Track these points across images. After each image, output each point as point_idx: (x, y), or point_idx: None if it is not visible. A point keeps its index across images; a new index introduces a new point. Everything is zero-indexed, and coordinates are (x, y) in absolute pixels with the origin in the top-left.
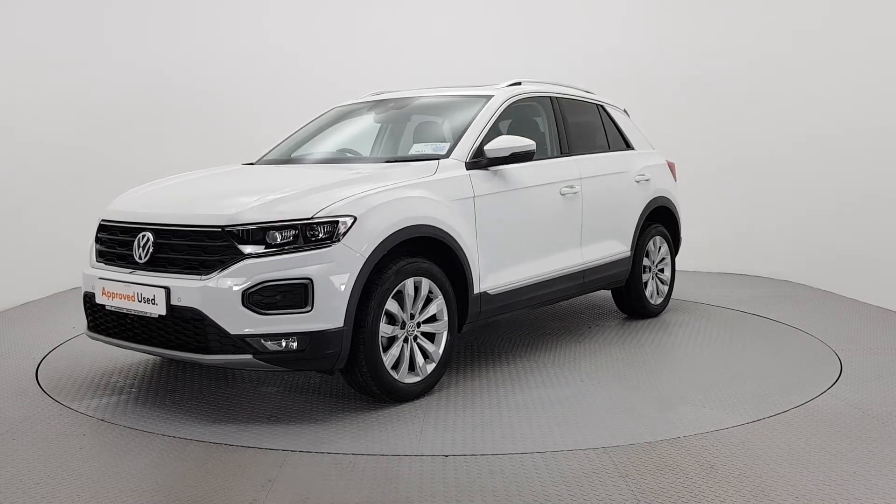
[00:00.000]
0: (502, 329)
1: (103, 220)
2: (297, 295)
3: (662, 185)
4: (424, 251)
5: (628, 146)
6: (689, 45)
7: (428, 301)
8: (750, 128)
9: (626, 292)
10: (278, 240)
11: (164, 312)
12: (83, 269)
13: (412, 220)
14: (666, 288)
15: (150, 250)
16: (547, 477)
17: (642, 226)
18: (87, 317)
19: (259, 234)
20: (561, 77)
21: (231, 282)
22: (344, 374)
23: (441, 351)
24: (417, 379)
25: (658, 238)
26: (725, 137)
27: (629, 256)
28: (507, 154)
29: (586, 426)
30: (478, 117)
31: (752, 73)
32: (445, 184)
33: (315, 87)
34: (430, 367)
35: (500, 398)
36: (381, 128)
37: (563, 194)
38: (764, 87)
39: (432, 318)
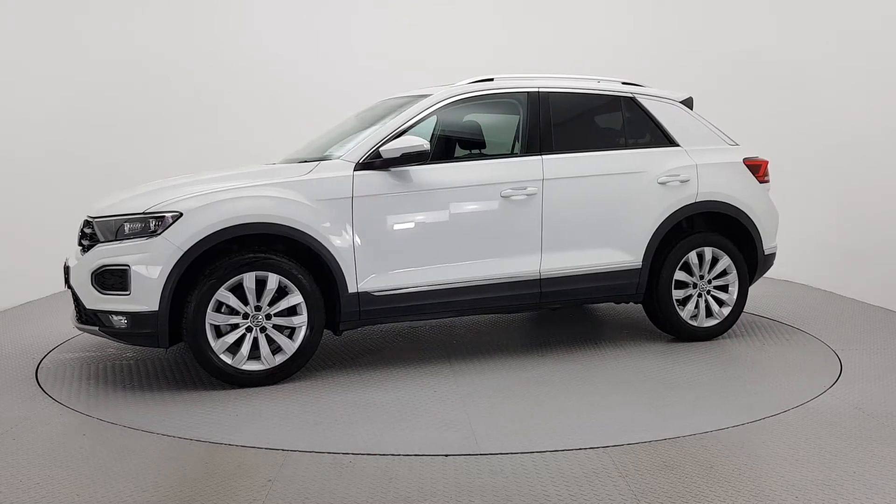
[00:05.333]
0: (513, 330)
1: None
2: (121, 279)
3: (717, 188)
4: (294, 249)
5: (671, 142)
6: (699, 42)
7: (285, 295)
8: (749, 128)
9: (649, 310)
10: (126, 230)
11: (65, 287)
12: None
13: (249, 218)
14: (727, 310)
15: (80, 236)
16: (547, 477)
17: (666, 234)
18: None
19: (111, 224)
20: (600, 68)
21: (85, 264)
22: None
23: (297, 345)
24: (261, 367)
25: (708, 249)
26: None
27: (638, 268)
28: (398, 155)
29: (586, 426)
30: (394, 119)
31: (752, 73)
32: (314, 184)
33: (316, 89)
34: (282, 359)
35: (499, 398)
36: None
37: (505, 196)
38: (764, 87)
39: (293, 312)
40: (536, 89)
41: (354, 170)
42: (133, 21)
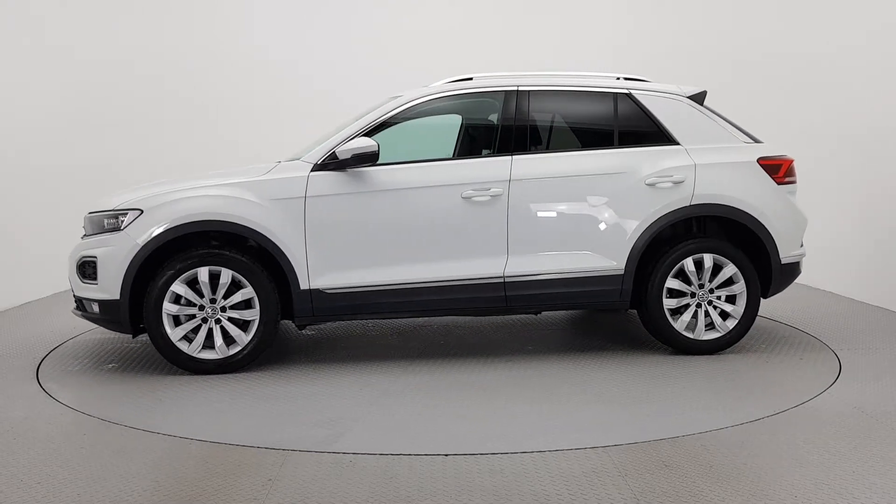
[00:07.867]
0: (522, 331)
1: None
2: (93, 269)
3: (718, 190)
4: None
5: (670, 140)
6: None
7: (239, 289)
8: (748, 127)
9: (643, 319)
10: (105, 226)
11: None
12: None
13: (200, 216)
14: (732, 323)
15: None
16: (547, 477)
17: (652, 238)
18: None
19: (92, 220)
20: (602, 63)
21: (73, 256)
22: None
23: (249, 337)
24: (213, 356)
25: (707, 256)
26: None
27: (621, 274)
28: (349, 156)
29: (586, 426)
30: (360, 120)
31: (749, 68)
32: (268, 184)
33: (316, 90)
34: (234, 350)
35: (501, 398)
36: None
37: (466, 197)
38: (762, 84)
39: (248, 306)
40: (515, 88)
41: (312, 170)
42: (133, 21)
